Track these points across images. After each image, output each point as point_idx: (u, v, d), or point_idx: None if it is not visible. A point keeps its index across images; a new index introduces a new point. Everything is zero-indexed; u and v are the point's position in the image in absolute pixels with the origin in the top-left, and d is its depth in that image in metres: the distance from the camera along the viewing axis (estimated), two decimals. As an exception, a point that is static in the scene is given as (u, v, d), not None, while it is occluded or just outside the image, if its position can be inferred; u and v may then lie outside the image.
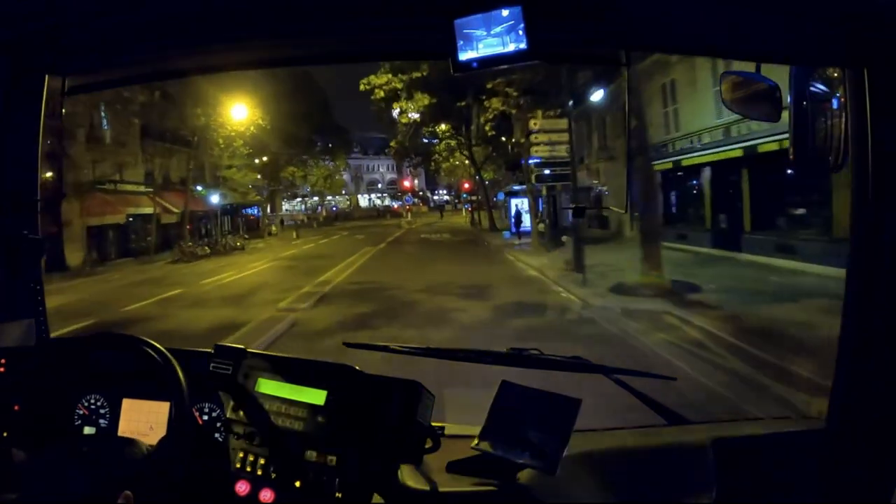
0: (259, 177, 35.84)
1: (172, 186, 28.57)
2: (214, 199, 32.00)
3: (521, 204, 27.86)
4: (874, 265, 1.10)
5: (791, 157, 1.16)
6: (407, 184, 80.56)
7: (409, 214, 54.21)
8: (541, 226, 22.32)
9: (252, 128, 28.53)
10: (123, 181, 25.08)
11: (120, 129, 23.73)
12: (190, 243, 25.14)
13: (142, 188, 26.02)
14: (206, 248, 25.68)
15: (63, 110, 1.56)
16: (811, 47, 1.18)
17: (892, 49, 1.03)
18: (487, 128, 23.13)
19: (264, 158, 38.66)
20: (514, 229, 27.36)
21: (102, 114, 23.17)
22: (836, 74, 1.17)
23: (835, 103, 1.12)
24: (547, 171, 16.65)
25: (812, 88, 1.13)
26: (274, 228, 41.89)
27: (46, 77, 1.47)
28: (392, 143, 35.40)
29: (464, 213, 58.49)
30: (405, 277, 13.73)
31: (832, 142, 1.11)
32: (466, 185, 49.05)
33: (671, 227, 18.19)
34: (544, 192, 20.72)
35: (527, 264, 16.38)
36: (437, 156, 36.47)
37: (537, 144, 16.54)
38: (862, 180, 1.12)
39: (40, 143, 1.52)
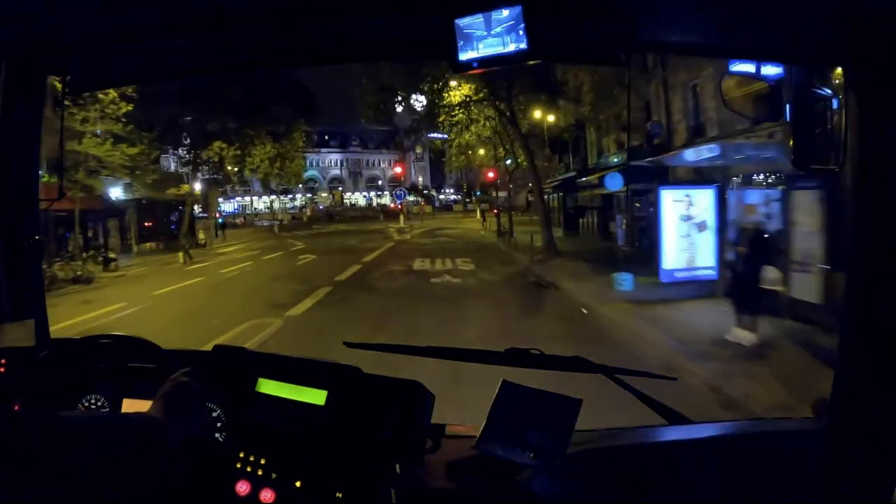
0: (139, 150, 19.76)
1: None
2: (114, 192, 21.20)
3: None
4: (874, 265, 1.10)
5: (791, 157, 1.16)
6: (399, 170, 63.02)
7: (403, 218, 35.70)
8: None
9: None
10: None
11: None
12: None
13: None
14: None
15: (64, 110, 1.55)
16: (811, 47, 1.17)
17: (893, 49, 1.03)
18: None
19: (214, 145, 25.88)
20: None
21: None
22: (837, 80, 1.16)
23: (835, 103, 1.12)
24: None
25: (812, 88, 1.13)
26: (202, 235, 28.40)
27: (47, 77, 1.47)
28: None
29: (478, 216, 43.08)
30: None
31: (832, 142, 1.11)
32: (491, 175, 32.03)
33: None
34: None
35: None
36: (444, 116, 20.85)
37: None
38: (862, 180, 1.12)
39: (41, 143, 1.52)
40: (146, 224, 27.21)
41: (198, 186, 30.37)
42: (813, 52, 1.18)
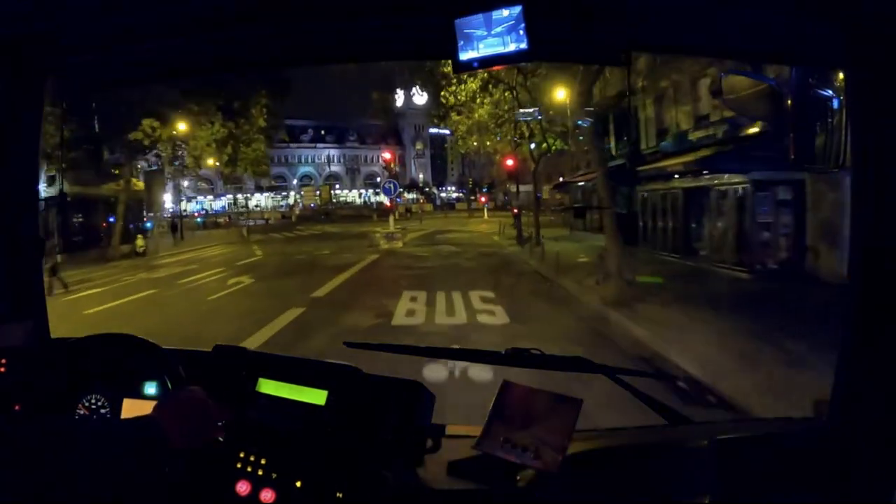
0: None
1: None
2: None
3: None
4: (875, 265, 1.10)
5: (791, 156, 1.16)
6: (388, 156, 54.88)
7: (392, 220, 24.86)
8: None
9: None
10: None
11: None
12: None
13: None
14: None
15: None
16: (811, 47, 1.18)
17: (893, 49, 1.03)
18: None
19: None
20: None
21: None
22: (838, 81, 1.17)
23: (835, 103, 1.12)
24: None
25: (812, 89, 1.13)
26: (140, 242, 22.23)
27: (46, 77, 1.47)
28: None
29: (485, 216, 38.53)
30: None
31: (833, 142, 1.11)
32: (510, 163, 24.29)
33: None
34: None
35: None
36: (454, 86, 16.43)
37: None
38: (862, 180, 1.12)
39: (41, 142, 1.52)
40: (88, 227, 21.56)
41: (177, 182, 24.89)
42: (813, 53, 1.18)
